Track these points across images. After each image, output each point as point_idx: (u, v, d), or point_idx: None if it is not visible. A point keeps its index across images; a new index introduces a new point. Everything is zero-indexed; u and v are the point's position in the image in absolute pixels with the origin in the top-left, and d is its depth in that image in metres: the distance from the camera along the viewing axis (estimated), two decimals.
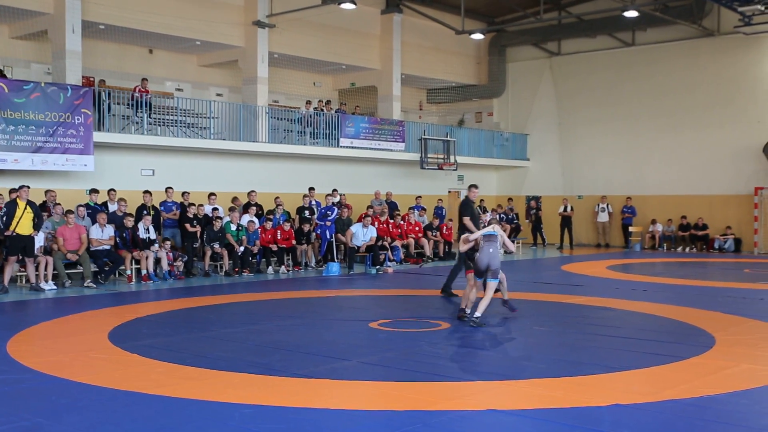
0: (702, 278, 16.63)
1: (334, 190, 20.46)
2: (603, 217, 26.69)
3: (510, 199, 27.54)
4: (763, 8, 21.14)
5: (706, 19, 24.54)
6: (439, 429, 5.66)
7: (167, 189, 17.60)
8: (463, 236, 11.08)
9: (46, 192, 15.92)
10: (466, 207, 12.28)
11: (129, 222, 15.68)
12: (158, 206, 17.25)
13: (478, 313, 10.08)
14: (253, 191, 18.88)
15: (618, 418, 5.95)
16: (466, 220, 11.96)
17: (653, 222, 25.70)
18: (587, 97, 27.79)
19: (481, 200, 25.65)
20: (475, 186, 12.88)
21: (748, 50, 24.38)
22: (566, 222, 25.65)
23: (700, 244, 24.84)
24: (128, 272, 15.43)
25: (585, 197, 27.70)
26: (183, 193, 17.62)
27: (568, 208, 26.22)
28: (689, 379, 7.19)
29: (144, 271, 15.42)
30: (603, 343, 9.09)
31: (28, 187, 14.00)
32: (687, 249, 24.88)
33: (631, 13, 22.31)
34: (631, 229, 26.22)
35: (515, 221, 25.81)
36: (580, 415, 6.02)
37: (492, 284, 10.19)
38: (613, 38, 26.97)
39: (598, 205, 26.74)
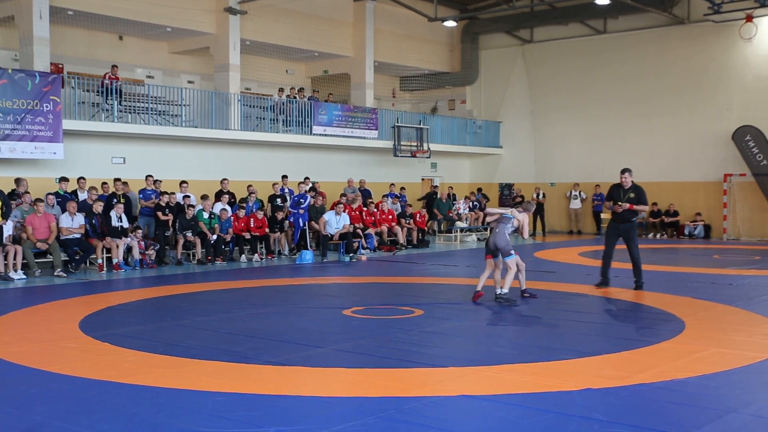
0: (672, 264, 16.85)
1: (306, 178, 20.41)
2: (575, 204, 26.92)
3: (479, 189, 27.59)
4: None
5: (676, 7, 24.74)
6: (412, 415, 5.68)
7: (147, 177, 17.47)
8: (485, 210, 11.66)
9: (18, 180, 15.71)
10: (610, 191, 12.65)
11: (98, 207, 15.51)
12: (137, 194, 17.17)
13: (505, 290, 10.75)
14: (225, 179, 18.78)
15: (590, 401, 6.01)
16: (607, 204, 12.72)
17: None
18: (559, 84, 27.93)
19: (450, 187, 25.74)
20: (624, 170, 12.57)
21: (717, 38, 24.61)
22: (539, 209, 25.78)
23: (670, 230, 25.13)
24: (99, 261, 15.29)
25: (557, 184, 27.88)
26: (155, 181, 17.50)
27: (541, 195, 26.38)
28: (660, 363, 7.27)
29: (115, 260, 15.28)
30: (575, 329, 9.17)
31: None
32: (658, 235, 25.15)
33: (603, 1, 22.44)
34: (602, 216, 26.43)
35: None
36: (552, 399, 6.07)
37: (509, 261, 10.78)
38: (585, 26, 27.10)
39: (571, 192, 26.94)
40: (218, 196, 18.13)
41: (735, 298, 11.40)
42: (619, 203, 12.34)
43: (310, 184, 19.96)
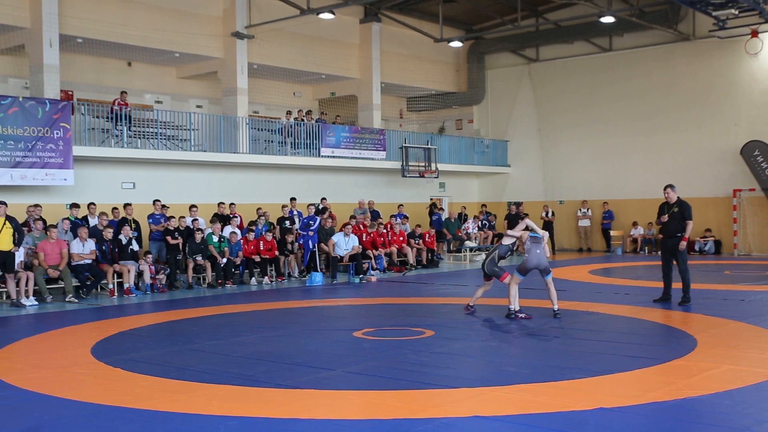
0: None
1: (323, 198, 20.62)
2: (584, 222, 26.89)
3: (483, 205, 27.49)
4: (736, 12, 21.38)
5: (681, 23, 24.80)
6: None
7: (155, 202, 17.56)
8: (509, 231, 12.06)
9: (31, 207, 15.81)
10: (658, 209, 12.94)
11: (108, 234, 15.59)
12: (147, 219, 17.26)
13: (556, 307, 11.28)
14: (222, 202, 18.81)
15: (603, 421, 5.98)
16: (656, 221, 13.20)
17: (634, 225, 25.88)
18: (566, 102, 27.98)
19: (463, 207, 25.75)
20: (666, 186, 12.83)
21: (723, 54, 24.64)
22: (548, 227, 25.71)
23: None
24: (110, 286, 15.33)
25: (566, 202, 27.86)
26: (162, 206, 17.58)
27: (549, 214, 26.36)
28: (672, 381, 7.24)
29: (126, 285, 15.32)
30: (586, 347, 9.13)
31: (6, 204, 13.83)
32: None
33: (608, 19, 22.51)
34: (612, 233, 26.40)
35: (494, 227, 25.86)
36: (564, 419, 6.05)
37: (550, 280, 11.31)
38: (591, 44, 27.19)
39: (580, 209, 26.92)
40: (227, 220, 18.15)
41: (747, 315, 11.35)
42: (663, 216, 12.65)
43: (325, 204, 20.16)
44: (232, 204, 18.94)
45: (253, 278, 17.61)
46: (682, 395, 6.69)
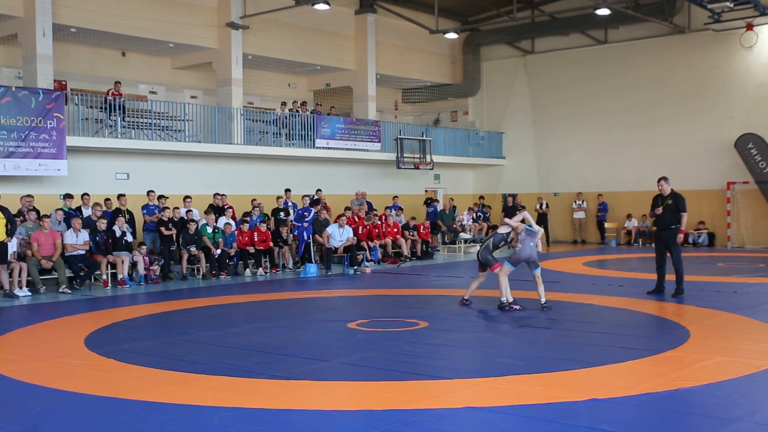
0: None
1: (318, 190, 20.61)
2: (579, 214, 26.93)
3: (481, 197, 27.56)
4: (732, 5, 21.39)
5: (676, 16, 24.81)
6: (418, 427, 5.68)
7: (149, 192, 17.53)
8: (506, 220, 12.03)
9: (24, 197, 15.75)
10: (652, 201, 13.00)
11: (102, 224, 15.56)
12: (140, 210, 17.22)
13: (543, 300, 11.32)
14: (217, 193, 18.78)
15: (596, 412, 6.00)
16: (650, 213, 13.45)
17: (628, 217, 25.93)
18: (561, 94, 27.98)
19: (451, 199, 25.74)
20: (660, 179, 12.83)
21: (718, 46, 24.65)
22: (542, 219, 25.78)
23: None
24: (104, 277, 15.30)
25: (561, 194, 27.89)
26: (159, 197, 17.54)
27: (544, 206, 26.39)
28: (665, 372, 7.26)
29: (120, 276, 15.30)
30: (580, 339, 9.16)
31: None
32: None
33: (604, 11, 22.50)
34: (606, 225, 26.45)
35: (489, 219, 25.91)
36: (558, 410, 6.06)
37: (538, 274, 11.42)
38: (586, 36, 27.17)
39: (575, 201, 26.96)
40: (222, 211, 18.12)
41: (740, 306, 11.39)
42: (658, 208, 12.69)
43: (320, 196, 20.22)
44: (222, 195, 18.87)
45: (248, 269, 17.60)
46: (675, 386, 6.72)
